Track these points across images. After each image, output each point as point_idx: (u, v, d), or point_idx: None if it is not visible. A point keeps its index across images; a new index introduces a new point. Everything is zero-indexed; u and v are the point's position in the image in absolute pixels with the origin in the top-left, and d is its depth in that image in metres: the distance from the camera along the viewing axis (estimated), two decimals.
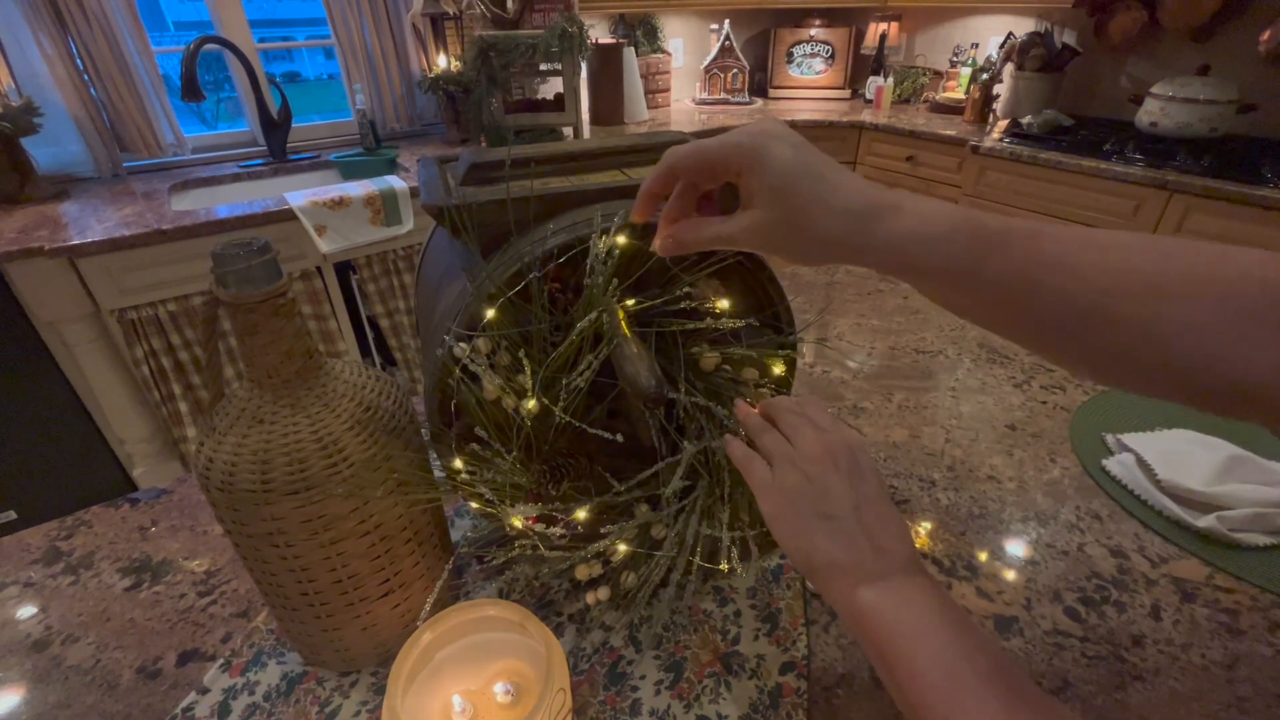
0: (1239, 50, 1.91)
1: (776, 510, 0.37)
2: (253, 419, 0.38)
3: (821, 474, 0.36)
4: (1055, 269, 0.30)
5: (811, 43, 2.84)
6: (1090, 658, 0.48)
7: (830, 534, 0.34)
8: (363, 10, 2.01)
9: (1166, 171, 1.69)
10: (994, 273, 0.30)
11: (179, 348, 1.49)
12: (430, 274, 0.55)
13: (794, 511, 0.36)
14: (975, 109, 2.29)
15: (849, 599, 0.33)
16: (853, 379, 0.83)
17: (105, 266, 1.36)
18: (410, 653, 0.41)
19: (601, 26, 2.62)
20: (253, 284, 0.35)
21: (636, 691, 0.46)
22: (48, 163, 1.70)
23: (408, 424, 0.43)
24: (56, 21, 1.60)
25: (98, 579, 0.57)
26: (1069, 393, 0.79)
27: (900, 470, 0.67)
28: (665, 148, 0.51)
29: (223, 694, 0.47)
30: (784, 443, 0.38)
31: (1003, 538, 0.59)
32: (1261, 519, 0.57)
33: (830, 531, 0.34)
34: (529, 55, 1.91)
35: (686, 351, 0.46)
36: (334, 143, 2.16)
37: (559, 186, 0.46)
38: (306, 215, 1.53)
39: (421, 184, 0.48)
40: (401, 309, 1.78)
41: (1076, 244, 0.30)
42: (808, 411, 0.39)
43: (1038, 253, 0.30)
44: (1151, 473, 0.62)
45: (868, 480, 0.36)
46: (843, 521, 0.34)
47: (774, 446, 0.38)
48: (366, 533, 0.41)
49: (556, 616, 0.52)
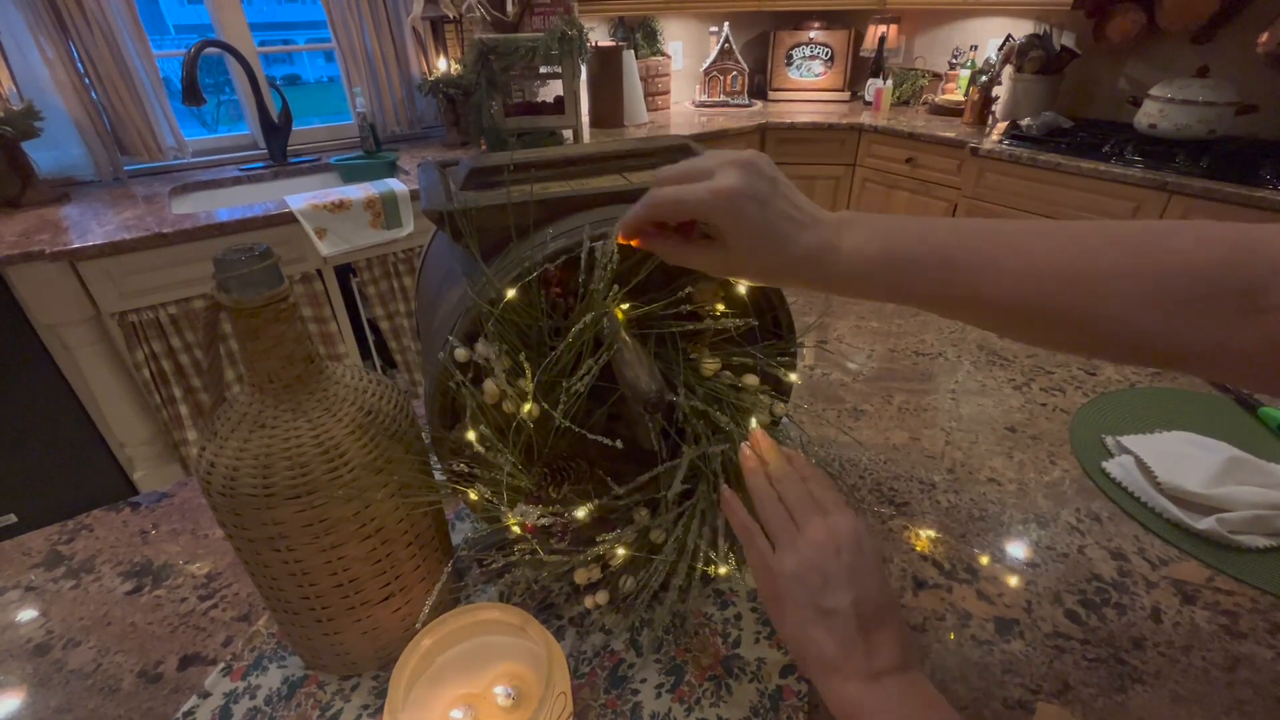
0: (1237, 52, 1.91)
1: (774, 594, 0.37)
2: (254, 423, 0.38)
3: (823, 563, 0.35)
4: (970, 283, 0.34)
5: (811, 45, 2.84)
6: (1091, 660, 0.48)
7: (827, 629, 0.34)
8: (363, 13, 2.02)
9: (1165, 173, 1.69)
10: (914, 293, 0.36)
11: (179, 351, 1.49)
12: (431, 277, 0.55)
13: (792, 600, 0.36)
14: (974, 111, 2.29)
15: (840, 694, 0.33)
16: (853, 381, 0.83)
17: (106, 270, 1.37)
18: (411, 656, 0.41)
19: (601, 29, 2.62)
20: (254, 289, 0.35)
21: (637, 695, 0.46)
22: (48, 166, 1.70)
23: (408, 427, 0.43)
24: (57, 25, 1.61)
25: (99, 583, 0.57)
26: (1069, 395, 0.79)
27: (900, 473, 0.67)
28: (665, 152, 0.52)
29: (224, 698, 0.47)
30: (789, 523, 0.38)
31: (1003, 540, 0.59)
32: (1261, 521, 0.57)
33: (827, 627, 0.34)
34: (529, 58, 1.92)
35: (686, 357, 0.46)
36: (334, 146, 2.16)
37: (559, 191, 0.46)
38: (307, 218, 1.53)
39: (422, 189, 0.48)
40: (402, 311, 1.79)
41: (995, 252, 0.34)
42: (814, 490, 0.39)
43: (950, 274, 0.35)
44: (1151, 475, 0.62)
45: (869, 572, 0.36)
46: (839, 618, 0.34)
47: (779, 526, 0.38)
48: (367, 536, 0.41)
49: (557, 620, 0.52)
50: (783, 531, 0.37)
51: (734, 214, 0.35)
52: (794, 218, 0.36)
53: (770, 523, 0.38)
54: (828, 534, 0.36)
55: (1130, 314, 0.31)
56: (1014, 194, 2.02)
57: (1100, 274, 0.32)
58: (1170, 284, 0.30)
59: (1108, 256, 0.32)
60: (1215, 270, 0.30)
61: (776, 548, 0.37)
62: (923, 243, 0.35)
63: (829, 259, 0.36)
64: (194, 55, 1.63)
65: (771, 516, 0.38)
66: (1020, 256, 0.33)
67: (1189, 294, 0.30)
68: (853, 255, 0.36)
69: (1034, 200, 1.98)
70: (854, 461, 0.69)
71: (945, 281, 0.35)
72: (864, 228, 0.36)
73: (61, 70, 1.64)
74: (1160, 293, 0.30)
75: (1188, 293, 0.30)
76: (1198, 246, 0.30)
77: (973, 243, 0.34)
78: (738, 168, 0.35)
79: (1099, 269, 0.32)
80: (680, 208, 0.36)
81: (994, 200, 2.08)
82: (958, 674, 0.47)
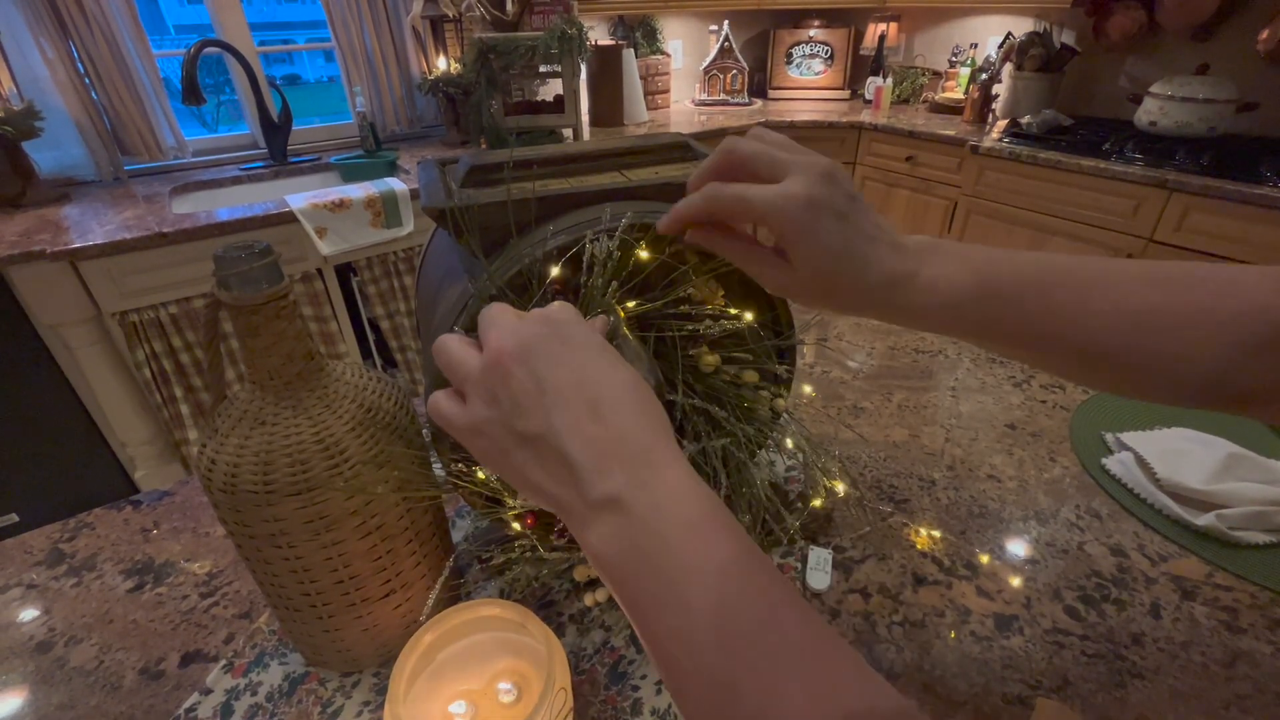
0: (1238, 49, 1.91)
1: (480, 453, 0.28)
2: (254, 421, 0.38)
3: (505, 383, 0.27)
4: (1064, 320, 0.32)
5: (811, 43, 2.84)
6: (1090, 656, 0.48)
7: (538, 461, 0.26)
8: (362, 13, 2.02)
9: (1166, 171, 1.69)
10: (1005, 331, 0.33)
11: (180, 350, 1.49)
12: (431, 276, 0.56)
13: (495, 449, 0.28)
14: (974, 109, 2.29)
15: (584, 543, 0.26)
16: (853, 379, 0.83)
17: (106, 269, 1.37)
18: (412, 653, 0.41)
19: (601, 28, 2.62)
20: (254, 286, 0.35)
21: (638, 691, 0.46)
22: (49, 166, 1.70)
23: (409, 425, 0.44)
24: (57, 25, 1.61)
25: (100, 581, 0.57)
26: (1068, 392, 0.79)
27: (900, 470, 0.67)
28: (663, 150, 0.52)
29: (225, 695, 0.47)
30: (471, 362, 0.29)
31: (1003, 537, 0.59)
32: (1261, 517, 0.57)
33: (537, 458, 0.26)
34: (528, 57, 1.92)
35: (685, 354, 0.46)
36: (334, 145, 2.17)
37: (559, 188, 0.46)
38: (307, 217, 1.53)
39: (422, 187, 0.48)
40: (402, 311, 1.79)
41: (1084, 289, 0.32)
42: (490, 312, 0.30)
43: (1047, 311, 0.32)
44: (1151, 471, 0.63)
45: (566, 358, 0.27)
46: (545, 440, 0.26)
47: (461, 373, 0.29)
48: (368, 533, 0.41)
49: (557, 616, 0.52)
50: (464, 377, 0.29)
51: (809, 227, 0.31)
52: (876, 238, 0.33)
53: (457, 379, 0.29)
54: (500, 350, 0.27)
55: (1209, 358, 0.30)
56: (1014, 192, 2.02)
57: (1188, 314, 0.30)
58: (1250, 327, 0.29)
59: (1194, 296, 0.31)
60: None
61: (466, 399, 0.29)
62: (1015, 275, 0.32)
63: (911, 287, 0.33)
64: (194, 55, 1.63)
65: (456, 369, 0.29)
66: (1108, 294, 0.32)
67: (1266, 338, 0.29)
68: (939, 285, 0.33)
69: (1034, 198, 1.98)
70: (854, 458, 0.69)
71: (1040, 318, 0.32)
72: (951, 257, 0.33)
73: (62, 70, 1.64)
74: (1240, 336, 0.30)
75: (1264, 337, 0.29)
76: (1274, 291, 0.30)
77: (1063, 276, 0.32)
78: (817, 174, 0.31)
79: (1187, 309, 0.30)
80: (745, 208, 0.32)
81: (994, 198, 2.08)
82: (957, 670, 0.47)
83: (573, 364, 0.27)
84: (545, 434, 0.26)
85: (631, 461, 0.25)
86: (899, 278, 0.33)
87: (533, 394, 0.26)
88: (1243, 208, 1.57)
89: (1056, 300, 0.32)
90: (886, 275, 0.32)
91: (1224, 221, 1.62)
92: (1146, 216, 1.75)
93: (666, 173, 0.50)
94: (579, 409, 0.26)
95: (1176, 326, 0.30)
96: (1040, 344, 0.33)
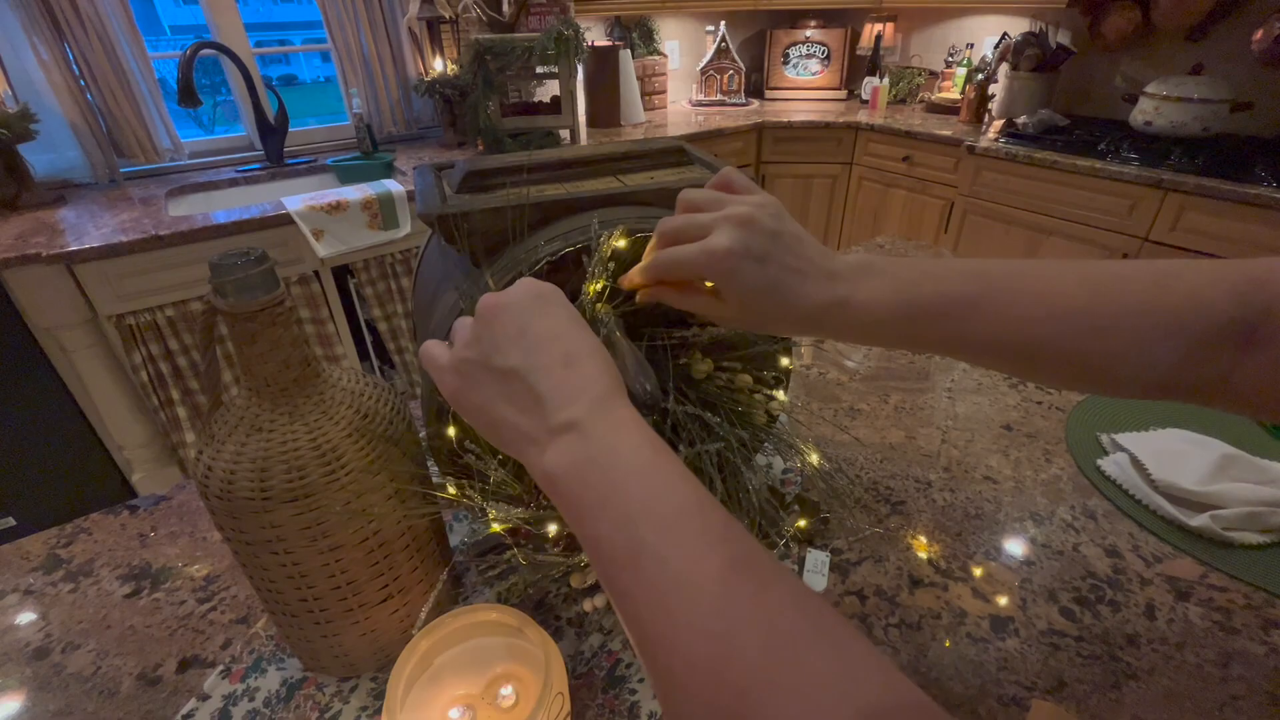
0: (1232, 50, 1.92)
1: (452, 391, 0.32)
2: (251, 427, 0.38)
3: (490, 326, 0.31)
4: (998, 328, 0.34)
5: (807, 44, 2.84)
6: (1085, 657, 0.48)
7: (507, 395, 0.29)
8: (359, 14, 2.01)
9: (1161, 170, 1.69)
10: (934, 343, 0.36)
11: (177, 353, 1.49)
12: (427, 279, 0.56)
13: (469, 384, 0.31)
14: (971, 109, 2.30)
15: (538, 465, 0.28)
16: (849, 380, 0.84)
17: (103, 272, 1.36)
18: (409, 658, 0.41)
19: (597, 29, 2.62)
20: (250, 293, 0.35)
21: (635, 694, 0.46)
22: (44, 169, 1.70)
23: (405, 430, 0.44)
24: (53, 28, 1.60)
25: (97, 586, 0.57)
26: (1064, 393, 0.80)
27: (897, 471, 0.67)
28: (659, 154, 0.52)
29: (223, 700, 0.47)
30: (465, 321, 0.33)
31: (998, 538, 0.59)
32: (1255, 517, 0.57)
33: (506, 392, 0.29)
34: (525, 58, 1.92)
35: (678, 360, 0.46)
36: (331, 147, 2.16)
37: (554, 194, 0.46)
38: (304, 220, 1.53)
39: (418, 192, 0.48)
40: (399, 312, 1.79)
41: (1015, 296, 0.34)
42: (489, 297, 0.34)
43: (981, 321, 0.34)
44: (1146, 472, 0.63)
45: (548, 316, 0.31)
46: (518, 375, 0.29)
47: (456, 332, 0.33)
48: (365, 539, 0.42)
49: (555, 620, 0.52)
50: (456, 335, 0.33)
51: (729, 274, 0.34)
52: (800, 271, 0.35)
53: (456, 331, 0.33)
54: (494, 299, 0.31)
55: (1147, 353, 0.32)
56: (1010, 192, 2.03)
57: (1119, 314, 0.32)
58: (1185, 321, 0.31)
59: (1126, 296, 0.32)
60: (1224, 305, 0.31)
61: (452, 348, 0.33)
62: (940, 292, 0.35)
63: (838, 313, 0.35)
64: (190, 57, 1.63)
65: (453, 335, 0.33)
66: (1039, 301, 0.34)
67: (1203, 331, 0.31)
68: (868, 307, 0.35)
69: (1030, 198, 1.98)
70: (850, 460, 0.69)
71: (961, 330, 0.34)
72: (881, 278, 0.35)
73: (57, 73, 1.64)
74: (1177, 330, 0.31)
75: (1202, 330, 0.31)
76: (1209, 284, 0.31)
77: (989, 287, 0.34)
78: (735, 225, 0.34)
79: (1118, 309, 0.32)
80: (677, 269, 0.36)
81: (991, 198, 2.09)
82: (953, 671, 0.47)
83: (552, 321, 0.31)
84: (519, 369, 0.29)
85: (594, 400, 0.28)
86: (829, 305, 0.35)
87: (513, 337, 0.30)
88: (1237, 207, 1.58)
89: (986, 312, 0.34)
90: (816, 304, 0.35)
91: (1219, 221, 1.62)
92: (1142, 216, 1.75)
93: (662, 177, 0.50)
94: (554, 355, 0.30)
95: (1108, 327, 0.32)
96: (978, 352, 0.35)
